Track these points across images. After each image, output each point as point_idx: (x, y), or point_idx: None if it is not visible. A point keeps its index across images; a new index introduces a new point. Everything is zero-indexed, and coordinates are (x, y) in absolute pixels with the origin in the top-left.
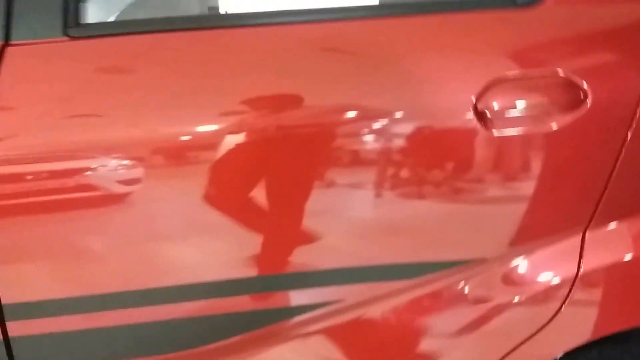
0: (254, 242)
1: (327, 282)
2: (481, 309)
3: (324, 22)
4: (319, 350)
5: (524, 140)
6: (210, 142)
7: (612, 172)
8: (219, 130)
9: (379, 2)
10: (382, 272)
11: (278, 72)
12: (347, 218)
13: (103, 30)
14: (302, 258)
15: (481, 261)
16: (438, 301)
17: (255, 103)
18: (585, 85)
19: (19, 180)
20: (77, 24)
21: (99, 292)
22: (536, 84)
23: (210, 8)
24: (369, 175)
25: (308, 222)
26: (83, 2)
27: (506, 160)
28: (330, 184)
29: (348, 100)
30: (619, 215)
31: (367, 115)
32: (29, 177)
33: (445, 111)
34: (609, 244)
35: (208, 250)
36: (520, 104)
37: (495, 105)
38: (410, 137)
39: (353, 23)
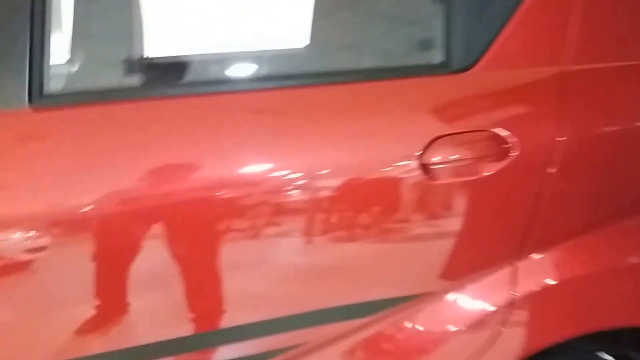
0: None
1: (269, 331)
2: (425, 342)
3: (265, 90)
4: None
5: (459, 187)
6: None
7: (534, 211)
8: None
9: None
10: (328, 314)
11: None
12: (285, 268)
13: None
14: (240, 312)
15: (424, 296)
16: (384, 339)
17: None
18: (509, 139)
19: None
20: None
21: None
22: (469, 139)
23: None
24: (304, 225)
25: (241, 278)
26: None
27: (445, 204)
28: (263, 237)
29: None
30: (542, 247)
31: (313, 171)
32: None
33: (393, 164)
34: (535, 273)
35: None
36: (457, 156)
37: (436, 158)
38: (356, 188)
39: (302, 90)
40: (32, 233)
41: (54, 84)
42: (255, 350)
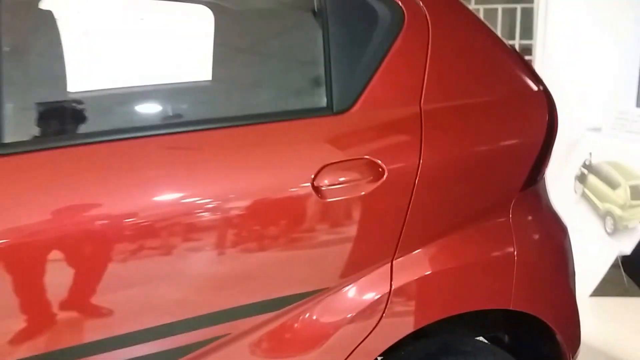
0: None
1: (193, 327)
2: (323, 329)
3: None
4: None
5: (345, 203)
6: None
7: (404, 219)
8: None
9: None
10: (242, 311)
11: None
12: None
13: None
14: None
15: (321, 291)
16: (286, 329)
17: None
18: (382, 164)
19: None
20: None
21: None
22: (350, 166)
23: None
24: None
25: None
26: None
27: (335, 217)
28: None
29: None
30: (413, 247)
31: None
32: None
33: (291, 187)
34: (409, 268)
35: None
36: (342, 179)
37: (325, 181)
38: (263, 207)
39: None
40: None
41: None
42: (181, 344)
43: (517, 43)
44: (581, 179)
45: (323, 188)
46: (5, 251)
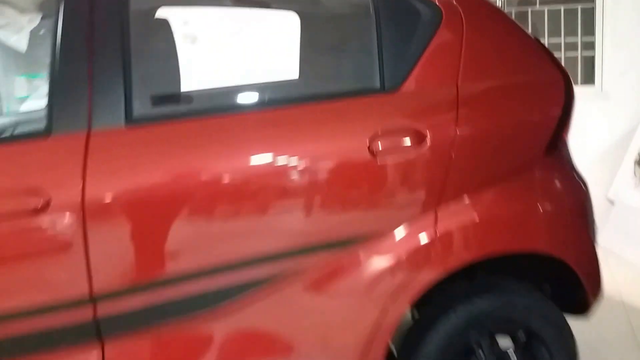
0: None
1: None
2: (372, 276)
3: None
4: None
5: (395, 164)
6: None
7: (445, 177)
8: None
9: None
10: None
11: None
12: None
13: None
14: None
15: (377, 233)
16: (354, 265)
17: None
18: (425, 132)
19: None
20: None
21: None
22: (399, 133)
23: None
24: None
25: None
26: None
27: (387, 175)
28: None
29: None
30: (453, 199)
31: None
32: None
33: (352, 150)
34: (451, 215)
35: None
36: (391, 145)
37: (380, 147)
38: (332, 166)
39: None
40: None
41: None
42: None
43: (579, 40)
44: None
45: (377, 149)
46: (141, 202)
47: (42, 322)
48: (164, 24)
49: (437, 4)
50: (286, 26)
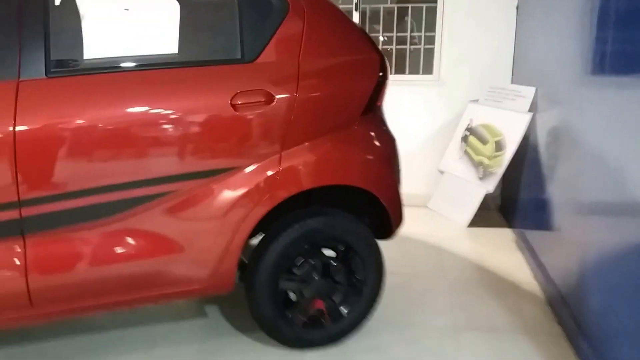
0: None
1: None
2: (234, 194)
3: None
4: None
5: (251, 116)
6: None
7: (287, 128)
8: None
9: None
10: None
11: None
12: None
13: None
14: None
15: (235, 169)
16: (214, 191)
17: None
18: (272, 93)
19: None
20: None
21: None
22: (254, 93)
23: None
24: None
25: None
26: None
27: (245, 124)
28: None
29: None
30: (293, 145)
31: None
32: None
33: (218, 103)
34: (292, 156)
35: None
36: (248, 101)
37: (239, 102)
38: (200, 115)
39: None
40: None
41: None
42: (139, 195)
43: (422, 35)
44: (464, 139)
45: (237, 104)
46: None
47: None
48: (73, 5)
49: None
50: (169, 9)
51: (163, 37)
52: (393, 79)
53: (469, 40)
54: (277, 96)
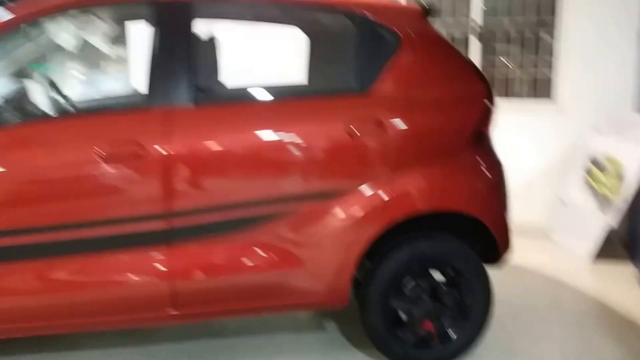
0: None
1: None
2: (347, 217)
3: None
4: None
5: (361, 146)
6: None
7: (399, 152)
8: None
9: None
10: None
11: None
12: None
13: None
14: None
15: (347, 191)
16: (322, 215)
17: None
18: (386, 122)
19: None
20: None
21: None
22: (367, 122)
23: None
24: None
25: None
26: None
27: (359, 151)
28: None
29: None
30: (405, 169)
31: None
32: None
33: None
34: (401, 182)
35: None
36: (361, 130)
37: (354, 129)
38: (316, 142)
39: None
40: None
41: None
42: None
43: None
44: (585, 168)
45: (352, 132)
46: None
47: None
48: (213, 40)
49: (398, 32)
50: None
51: (290, 68)
52: (511, 104)
53: (589, 66)
54: (389, 124)
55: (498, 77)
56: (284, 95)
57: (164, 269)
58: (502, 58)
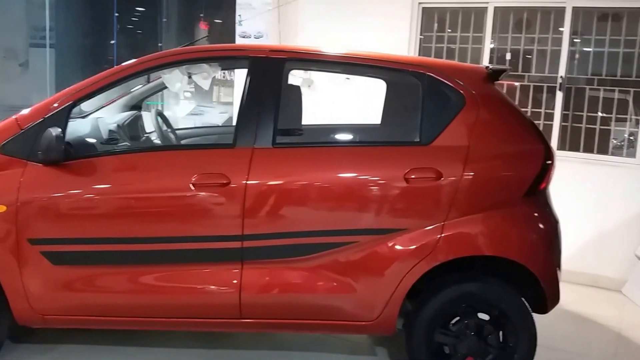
0: None
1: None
2: (400, 251)
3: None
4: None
5: (419, 190)
6: None
7: (452, 202)
8: None
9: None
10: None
11: None
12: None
13: None
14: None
15: (405, 230)
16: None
17: None
18: (442, 172)
19: None
20: None
21: None
22: (426, 170)
23: None
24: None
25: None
26: None
27: (415, 196)
28: None
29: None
30: (456, 217)
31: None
32: None
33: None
34: (455, 226)
35: None
36: (419, 176)
37: (412, 176)
38: (379, 187)
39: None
40: None
41: None
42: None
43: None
44: None
45: (410, 178)
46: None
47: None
48: (297, 89)
49: (462, 93)
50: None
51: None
52: (592, 158)
53: None
54: (446, 174)
55: (586, 131)
56: (352, 142)
57: (235, 281)
58: (591, 113)
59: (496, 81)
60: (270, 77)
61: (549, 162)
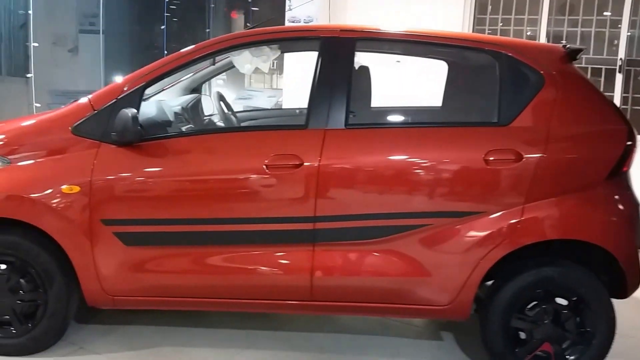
0: None
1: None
2: (477, 236)
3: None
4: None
5: (500, 170)
6: None
7: (531, 182)
8: None
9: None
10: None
11: None
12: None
13: None
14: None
15: (483, 213)
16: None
17: None
18: (522, 153)
19: None
20: None
21: None
22: (505, 151)
23: None
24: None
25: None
26: None
27: (493, 177)
28: None
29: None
30: (535, 200)
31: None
32: None
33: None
34: (534, 210)
35: None
36: (498, 158)
37: (491, 157)
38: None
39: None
40: None
41: None
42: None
43: None
44: None
45: (489, 160)
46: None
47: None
48: (367, 70)
49: (542, 73)
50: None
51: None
52: None
53: None
54: (526, 156)
55: None
56: (427, 123)
57: (307, 263)
58: None
59: (574, 61)
60: (342, 58)
61: (632, 143)
